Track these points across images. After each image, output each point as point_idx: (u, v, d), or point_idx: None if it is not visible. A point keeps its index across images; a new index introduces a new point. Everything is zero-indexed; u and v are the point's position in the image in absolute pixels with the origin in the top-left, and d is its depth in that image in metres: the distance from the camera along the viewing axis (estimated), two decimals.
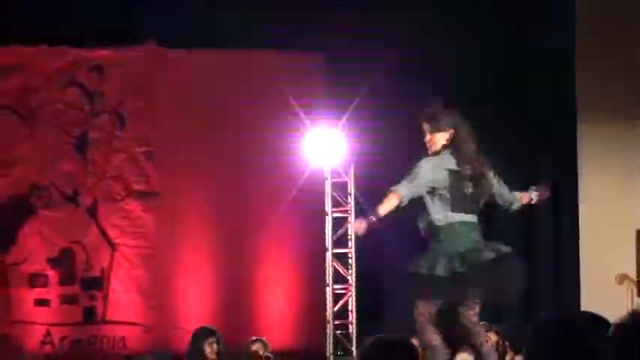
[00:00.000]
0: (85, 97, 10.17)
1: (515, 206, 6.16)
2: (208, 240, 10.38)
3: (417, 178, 5.90)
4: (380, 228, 8.24)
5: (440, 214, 5.82)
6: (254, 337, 8.71)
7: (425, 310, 5.88)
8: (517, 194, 6.15)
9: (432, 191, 5.83)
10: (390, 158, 9.49)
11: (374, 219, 5.86)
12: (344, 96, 10.05)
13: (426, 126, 5.99)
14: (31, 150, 10.09)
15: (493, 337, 8.06)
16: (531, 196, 6.21)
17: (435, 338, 5.90)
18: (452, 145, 5.97)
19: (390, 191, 5.91)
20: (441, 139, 6.02)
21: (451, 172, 5.81)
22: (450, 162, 5.83)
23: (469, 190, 5.85)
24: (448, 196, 5.82)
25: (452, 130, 5.99)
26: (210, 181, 10.39)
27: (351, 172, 10.16)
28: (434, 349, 5.86)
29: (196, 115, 10.30)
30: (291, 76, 10.25)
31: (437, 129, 5.99)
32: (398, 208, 5.91)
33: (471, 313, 5.87)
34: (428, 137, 6.03)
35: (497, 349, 7.66)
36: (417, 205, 6.19)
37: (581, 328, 2.37)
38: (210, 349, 7.89)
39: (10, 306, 9.97)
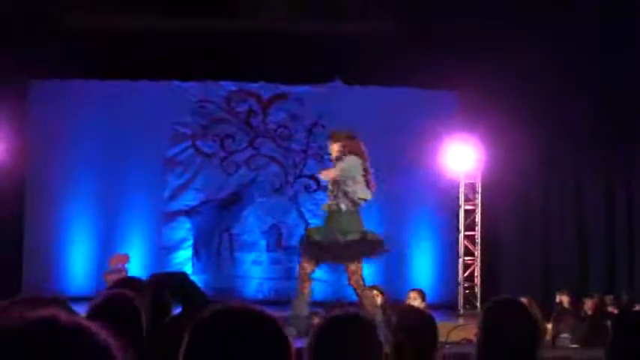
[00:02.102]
0: (290, 119, 12.92)
1: None
2: (376, 222, 11.61)
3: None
4: (500, 218, 10.80)
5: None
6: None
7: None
8: None
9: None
10: (508, 164, 11.88)
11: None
12: (474, 118, 11.99)
13: (329, 140, 8.63)
14: (252, 156, 12.82)
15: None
16: None
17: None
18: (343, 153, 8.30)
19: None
20: (335, 148, 8.49)
21: None
22: None
23: None
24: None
25: (342, 143, 8.44)
26: (378, 179, 10.90)
27: (479, 175, 12.28)
28: None
29: (366, 133, 10.93)
30: (433, 108, 12.32)
31: (333, 142, 8.54)
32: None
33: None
34: (330, 147, 8.58)
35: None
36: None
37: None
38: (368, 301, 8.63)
39: (234, 265, 12.57)
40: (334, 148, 8.53)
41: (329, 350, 2.33)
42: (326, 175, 8.64)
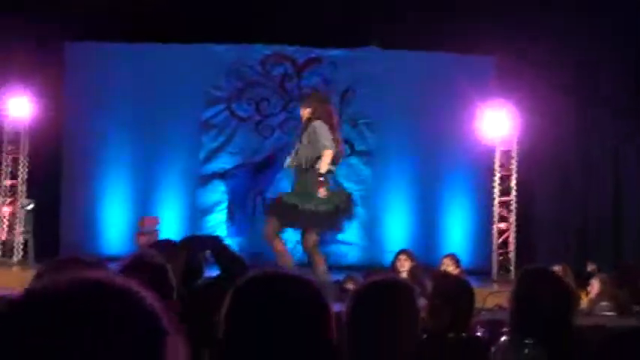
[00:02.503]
0: (325, 83, 12.83)
1: None
2: (409, 187, 12.60)
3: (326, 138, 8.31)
4: (536, 184, 10.76)
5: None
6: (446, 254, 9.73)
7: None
8: None
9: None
10: (544, 130, 11.77)
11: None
12: (511, 83, 11.88)
13: (300, 103, 8.75)
14: (286, 119, 12.72)
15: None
16: None
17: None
18: (314, 117, 8.44)
19: (325, 148, 8.32)
20: (305, 113, 8.62)
21: None
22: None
23: None
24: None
25: (310, 108, 8.57)
26: (411, 144, 12.58)
27: (515, 141, 12.09)
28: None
29: (401, 98, 12.43)
30: (469, 73, 12.10)
31: (302, 107, 8.74)
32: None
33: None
34: (300, 112, 8.69)
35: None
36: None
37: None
38: (400, 263, 9.20)
39: None
40: (304, 113, 8.72)
41: (367, 315, 2.33)
42: (324, 168, 8.68)
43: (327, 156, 8.47)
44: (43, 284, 1.14)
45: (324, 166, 8.41)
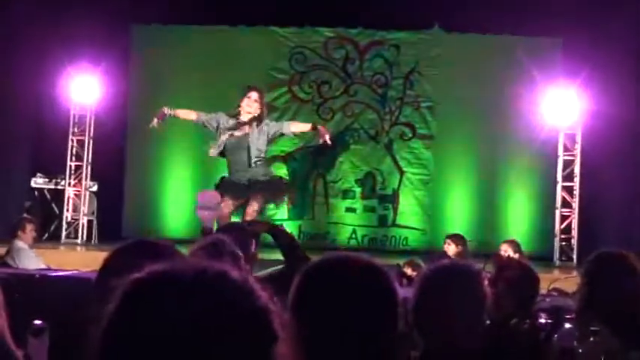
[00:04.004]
0: (387, 66, 12.85)
1: None
2: (470, 171, 12.55)
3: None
4: (601, 170, 10.56)
5: None
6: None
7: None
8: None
9: None
10: (611, 115, 11.48)
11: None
12: (577, 66, 11.59)
13: (255, 94, 8.91)
14: (347, 102, 12.87)
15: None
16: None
17: None
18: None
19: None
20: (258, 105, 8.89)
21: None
22: None
23: None
24: None
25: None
26: (473, 127, 12.49)
27: (580, 125, 11.95)
28: None
29: (463, 81, 12.36)
30: (535, 56, 11.98)
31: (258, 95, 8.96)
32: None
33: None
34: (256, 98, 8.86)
35: None
36: None
37: None
38: (447, 247, 9.06)
39: (328, 211, 12.76)
40: (257, 105, 8.96)
41: (434, 300, 2.33)
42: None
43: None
44: (166, 268, 1.15)
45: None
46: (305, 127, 9.58)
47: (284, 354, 1.14)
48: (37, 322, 3.55)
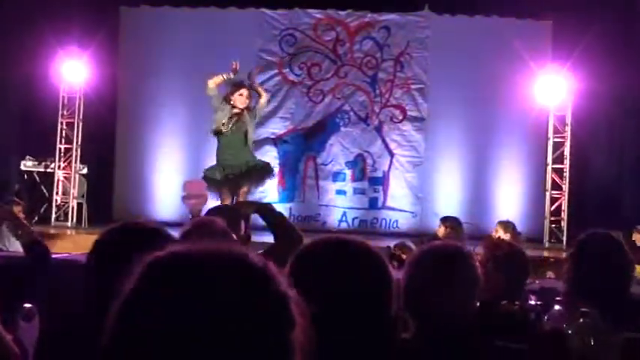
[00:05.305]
0: (377, 48, 12.81)
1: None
2: (460, 153, 12.57)
3: None
4: (591, 152, 10.51)
5: None
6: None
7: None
8: None
9: None
10: (601, 97, 11.57)
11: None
12: (567, 49, 11.64)
13: (244, 91, 9.28)
14: (337, 84, 12.85)
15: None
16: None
17: None
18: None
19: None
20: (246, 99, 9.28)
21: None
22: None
23: None
24: None
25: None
26: (463, 110, 12.44)
27: (569, 107, 11.94)
28: None
29: (453, 63, 12.32)
30: (524, 38, 11.96)
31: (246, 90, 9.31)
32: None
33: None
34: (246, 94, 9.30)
35: None
36: None
37: None
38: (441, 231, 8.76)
39: (319, 193, 12.74)
40: (247, 101, 9.40)
41: (425, 282, 2.33)
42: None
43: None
44: (187, 249, 1.13)
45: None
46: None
47: (301, 341, 1.12)
48: (28, 305, 3.54)
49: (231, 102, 9.35)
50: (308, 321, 1.15)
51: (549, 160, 12.28)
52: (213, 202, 9.26)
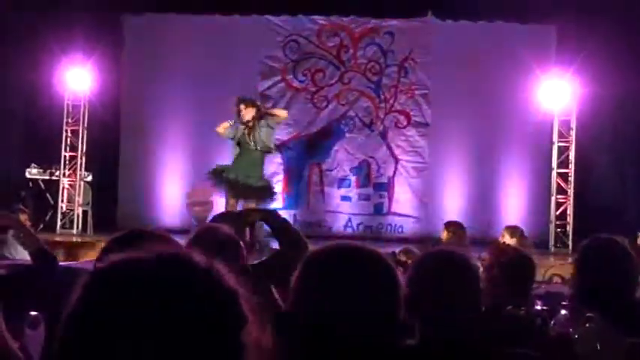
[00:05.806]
0: (381, 54, 12.82)
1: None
2: (465, 158, 12.53)
3: None
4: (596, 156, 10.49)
5: None
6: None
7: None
8: None
9: None
10: (604, 101, 11.55)
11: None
12: (571, 53, 11.67)
13: (242, 105, 9.88)
14: (341, 90, 12.85)
15: None
16: None
17: None
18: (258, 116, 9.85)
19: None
20: (250, 112, 9.89)
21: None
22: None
23: None
24: None
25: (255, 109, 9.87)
26: (467, 115, 12.42)
27: (574, 111, 11.96)
28: None
29: (457, 68, 12.24)
30: (528, 43, 12.00)
31: (249, 107, 9.91)
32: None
33: None
34: (243, 111, 9.88)
35: None
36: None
37: None
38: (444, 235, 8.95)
39: (324, 199, 12.76)
40: (251, 114, 9.97)
41: (426, 287, 2.33)
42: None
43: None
44: (127, 257, 1.13)
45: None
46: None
47: (256, 337, 1.12)
48: (33, 313, 3.54)
49: (240, 117, 9.92)
50: (259, 317, 1.15)
51: (554, 164, 12.28)
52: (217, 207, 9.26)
